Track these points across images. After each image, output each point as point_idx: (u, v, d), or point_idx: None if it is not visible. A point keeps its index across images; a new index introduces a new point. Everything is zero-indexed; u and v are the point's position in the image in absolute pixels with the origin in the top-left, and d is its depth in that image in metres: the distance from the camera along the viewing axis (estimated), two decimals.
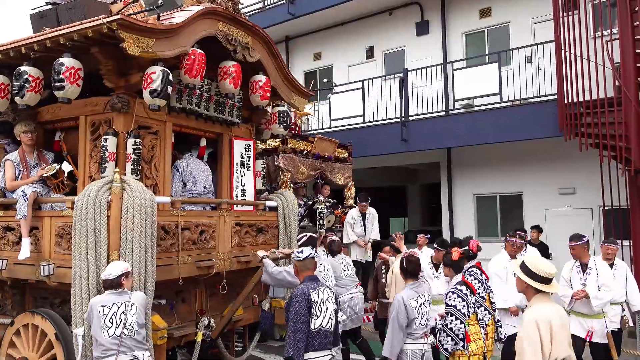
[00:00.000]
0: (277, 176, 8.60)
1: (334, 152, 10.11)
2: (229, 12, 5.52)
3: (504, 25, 12.37)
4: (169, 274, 5.07)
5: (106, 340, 4.07)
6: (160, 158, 5.40)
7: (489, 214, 12.30)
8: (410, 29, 13.51)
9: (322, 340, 4.11)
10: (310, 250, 4.35)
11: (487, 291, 5.31)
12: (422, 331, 4.63)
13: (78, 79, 4.78)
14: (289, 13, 13.81)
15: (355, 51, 14.33)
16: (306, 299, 4.05)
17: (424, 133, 11.54)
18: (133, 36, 4.52)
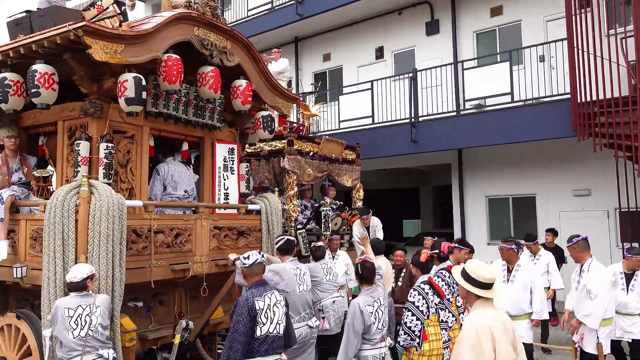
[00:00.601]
0: (283, 178, 8.43)
1: (341, 153, 9.88)
2: (204, 17, 5.53)
3: (515, 24, 12.10)
4: (141, 277, 5.08)
5: (71, 341, 4.12)
6: (136, 162, 5.43)
7: (501, 216, 12.02)
8: (420, 29, 13.31)
9: (269, 346, 4.12)
10: (257, 255, 4.35)
11: (455, 295, 5.17)
12: (380, 335, 4.62)
13: (53, 83, 4.86)
14: (298, 14, 13.75)
15: (364, 52, 14.19)
16: (250, 308, 4.06)
17: (434, 134, 11.34)
18: (99, 42, 4.58)
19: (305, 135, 10.14)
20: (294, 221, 8.34)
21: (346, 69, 14.54)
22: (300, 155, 8.49)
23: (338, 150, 9.87)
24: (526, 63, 10.57)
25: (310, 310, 5.39)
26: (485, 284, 3.56)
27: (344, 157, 10.02)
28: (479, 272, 3.58)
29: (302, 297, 5.29)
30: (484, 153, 11.83)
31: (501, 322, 3.50)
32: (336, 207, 9.51)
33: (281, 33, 14.71)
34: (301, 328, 5.20)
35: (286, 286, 5.13)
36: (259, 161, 8.82)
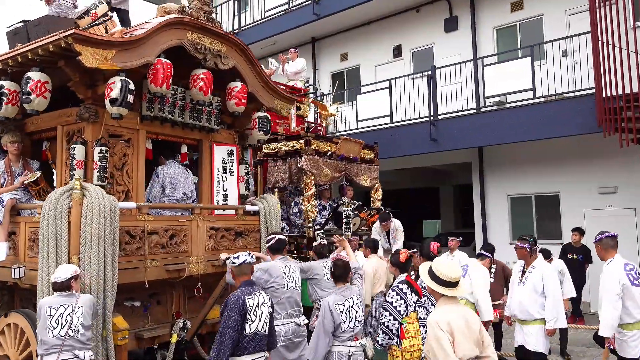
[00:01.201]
0: (300, 178, 8.35)
1: (359, 153, 9.71)
2: (198, 22, 5.63)
3: (536, 18, 11.81)
4: (135, 277, 5.18)
5: (50, 339, 4.23)
6: (132, 165, 5.57)
7: (524, 215, 11.71)
8: (439, 26, 13.08)
9: (257, 344, 4.19)
10: (247, 255, 4.41)
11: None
12: (350, 334, 4.67)
13: (45, 91, 5.05)
14: (314, 14, 13.68)
15: (382, 50, 14.04)
16: (241, 305, 4.12)
17: (454, 132, 11.12)
18: (89, 49, 4.71)
19: (323, 135, 9.91)
20: (312, 222, 8.24)
21: (364, 68, 14.40)
22: (317, 155, 8.37)
23: (356, 150, 9.67)
24: (548, 58, 10.32)
25: (299, 308, 5.42)
26: (450, 283, 3.68)
27: (362, 156, 9.85)
28: (444, 271, 3.70)
29: (290, 294, 5.32)
30: (506, 151, 11.56)
31: (463, 318, 3.58)
32: (354, 207, 9.23)
33: (298, 33, 14.62)
34: (288, 325, 5.25)
35: (275, 283, 5.20)
36: (276, 161, 8.78)
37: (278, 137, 8.91)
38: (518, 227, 11.69)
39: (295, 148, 8.41)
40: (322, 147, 8.60)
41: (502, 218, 11.89)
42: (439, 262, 3.87)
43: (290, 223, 9.12)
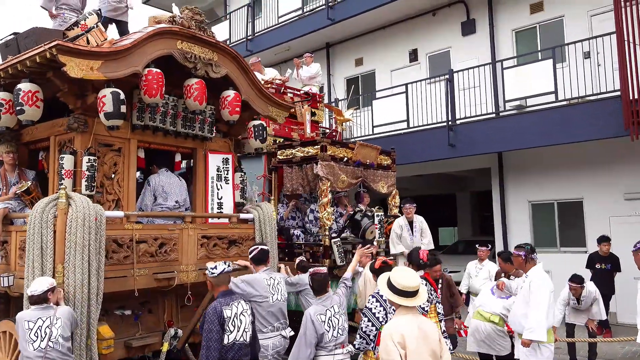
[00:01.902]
0: (316, 185, 8.18)
1: (376, 158, 9.48)
2: (187, 31, 5.66)
3: (557, 20, 11.52)
4: (122, 286, 5.23)
5: (31, 353, 4.26)
6: (123, 174, 5.63)
7: (546, 222, 11.35)
8: (456, 29, 12.84)
9: (235, 354, 4.20)
10: (224, 265, 4.44)
11: (433, 302, 5.27)
12: (335, 343, 4.69)
13: (37, 101, 5.14)
14: (329, 18, 13.59)
15: (398, 55, 13.86)
16: (219, 316, 4.16)
17: (473, 137, 10.87)
18: (74, 59, 4.77)
19: (339, 141, 9.59)
20: (328, 229, 8.06)
21: (379, 73, 14.25)
22: (333, 161, 8.19)
23: (373, 156, 9.40)
24: (570, 60, 9.99)
25: (285, 320, 5.37)
26: (408, 292, 3.61)
27: (379, 162, 9.61)
28: (401, 281, 3.65)
29: (275, 306, 5.27)
30: (526, 156, 11.21)
31: (418, 328, 3.50)
32: (371, 214, 8.87)
33: (312, 39, 14.50)
34: (275, 338, 5.20)
35: (259, 296, 5.15)
36: (291, 168, 8.61)
37: (293, 143, 8.76)
38: (540, 234, 11.37)
39: (311, 154, 8.23)
40: (338, 153, 8.44)
41: (523, 225, 11.55)
42: (397, 272, 3.81)
43: (305, 231, 8.84)
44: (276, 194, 8.84)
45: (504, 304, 6.16)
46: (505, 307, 6.12)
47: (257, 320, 5.11)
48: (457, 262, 12.35)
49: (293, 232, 8.66)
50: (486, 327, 6.15)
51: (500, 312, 6.13)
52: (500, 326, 6.11)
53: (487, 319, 6.16)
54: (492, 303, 6.25)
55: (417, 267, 5.56)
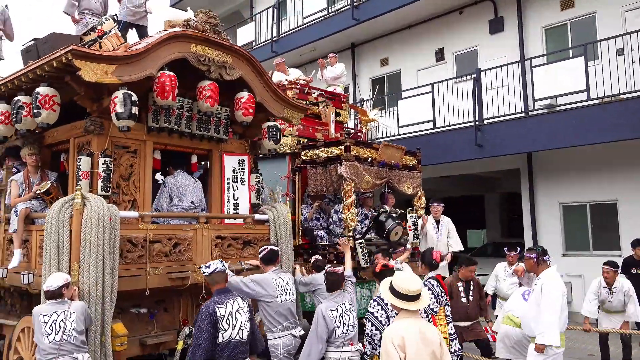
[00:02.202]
0: (340, 185, 8.07)
1: (401, 159, 9.30)
2: (201, 34, 5.78)
3: (589, 16, 11.20)
4: (136, 284, 5.35)
5: (47, 345, 4.44)
6: (139, 175, 5.76)
7: (578, 225, 11.06)
8: (483, 27, 12.60)
9: (231, 352, 4.25)
10: (218, 263, 4.51)
11: (442, 304, 5.34)
12: (343, 339, 4.77)
13: (53, 104, 5.33)
14: (354, 18, 13.50)
15: (424, 54, 13.70)
16: (211, 315, 4.23)
17: (501, 137, 10.68)
18: (89, 64, 4.91)
19: (363, 141, 9.43)
20: (352, 231, 7.95)
21: (405, 73, 14.09)
22: (358, 161, 8.02)
23: (398, 156, 9.22)
24: (602, 58, 9.71)
25: (295, 319, 5.40)
26: (410, 297, 3.65)
27: (404, 163, 9.41)
28: (403, 285, 3.69)
29: (284, 306, 5.30)
30: (557, 156, 10.95)
31: (419, 333, 3.54)
32: (397, 215, 8.72)
33: (337, 39, 14.44)
34: (284, 337, 5.24)
35: (267, 296, 5.21)
36: (315, 168, 8.48)
37: (317, 143, 8.70)
38: (571, 237, 11.11)
39: (335, 154, 8.07)
40: (362, 153, 8.29)
41: (553, 228, 11.27)
42: (399, 277, 3.86)
43: (329, 232, 8.73)
44: (300, 194, 8.75)
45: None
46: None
47: (267, 319, 5.23)
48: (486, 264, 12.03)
49: (317, 233, 8.61)
50: (517, 332, 5.88)
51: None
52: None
53: (517, 324, 5.89)
54: (523, 308, 5.96)
55: (430, 268, 5.65)
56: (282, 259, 6.42)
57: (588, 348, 8.41)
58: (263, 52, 15.81)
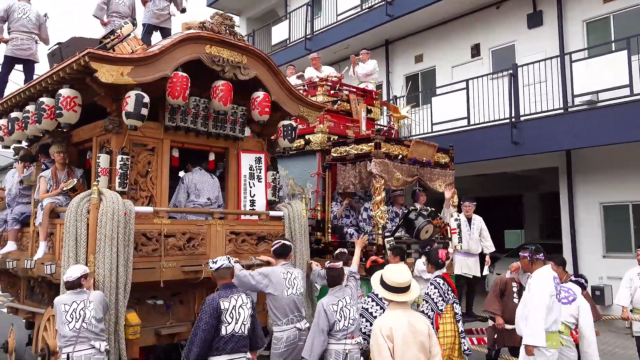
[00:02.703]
0: (370, 183, 8.04)
1: (433, 156, 9.18)
2: (216, 35, 5.98)
3: (634, 8, 10.80)
4: (150, 277, 5.58)
5: (67, 332, 4.72)
6: (157, 172, 6.01)
7: (619, 226, 10.70)
8: (521, 22, 12.32)
9: (234, 345, 4.44)
10: (224, 260, 4.72)
11: (449, 302, 5.50)
12: (344, 332, 4.95)
13: (74, 105, 5.66)
14: (388, 14, 13.44)
15: (459, 50, 13.51)
16: (215, 308, 4.42)
17: (539, 134, 10.38)
18: (105, 66, 5.19)
19: (394, 138, 9.25)
20: (381, 228, 7.91)
21: (439, 69, 13.94)
22: (388, 158, 7.97)
23: (429, 153, 9.06)
24: None
25: (299, 313, 5.52)
26: (399, 289, 3.78)
27: (436, 160, 9.24)
28: (392, 278, 3.82)
29: (289, 300, 5.42)
30: (597, 154, 10.65)
31: (407, 322, 3.68)
32: (427, 213, 8.54)
33: (371, 36, 14.43)
34: (289, 330, 5.36)
35: (274, 289, 5.35)
36: (345, 165, 8.50)
37: (347, 140, 8.68)
38: (612, 238, 10.76)
39: (365, 151, 8.04)
40: (393, 150, 8.18)
41: (593, 229, 10.95)
42: (388, 269, 4.00)
43: (359, 229, 8.67)
44: (329, 191, 8.76)
45: (568, 311, 5.71)
46: (570, 314, 5.70)
47: (273, 312, 5.39)
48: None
49: (347, 231, 8.59)
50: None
51: (565, 320, 5.66)
52: (566, 335, 5.63)
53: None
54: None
55: (436, 267, 5.81)
56: (296, 255, 6.60)
57: (628, 354, 8.03)
58: (297, 50, 15.84)
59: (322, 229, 8.54)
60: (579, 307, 5.71)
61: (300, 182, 9.20)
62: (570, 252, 10.98)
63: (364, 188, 8.32)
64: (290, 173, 9.35)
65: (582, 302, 5.80)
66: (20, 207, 6.83)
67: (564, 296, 5.72)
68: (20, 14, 7.97)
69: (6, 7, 7.98)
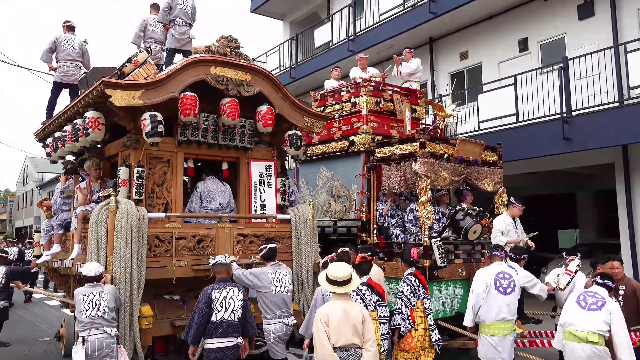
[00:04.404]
0: (416, 182, 7.99)
1: (480, 154, 9.04)
2: (219, 58, 6.78)
3: None
4: (164, 274, 6.45)
5: (84, 319, 5.64)
6: (172, 182, 6.90)
7: None
8: (571, 13, 12.02)
9: (224, 330, 5.36)
10: (221, 257, 5.67)
11: (420, 298, 6.00)
12: None
13: (98, 125, 6.67)
14: (431, 12, 13.52)
15: (506, 45, 13.35)
16: (208, 297, 5.36)
17: (592, 129, 10.11)
18: (118, 92, 6.08)
19: (439, 137, 9.00)
20: (428, 229, 8.02)
21: (485, 66, 13.84)
22: (433, 158, 8.00)
23: (476, 152, 8.89)
24: None
25: (287, 309, 6.19)
26: (338, 282, 4.55)
27: (484, 158, 9.07)
28: (333, 273, 4.59)
29: (278, 297, 6.12)
30: None
31: (342, 310, 4.45)
32: (475, 213, 8.24)
33: (414, 34, 14.58)
34: (277, 324, 6.06)
35: (264, 287, 6.10)
36: (389, 165, 8.53)
37: (391, 140, 8.76)
38: None
39: (409, 151, 8.12)
40: (438, 149, 8.22)
41: None
42: (331, 265, 4.76)
43: (405, 230, 8.57)
44: (375, 192, 8.91)
45: (601, 318, 5.27)
46: (603, 321, 5.27)
47: (262, 308, 6.13)
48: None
49: (392, 232, 8.69)
50: (585, 349, 5.22)
51: (598, 329, 5.24)
52: (601, 345, 5.22)
53: (583, 339, 5.24)
54: (585, 318, 5.34)
55: (409, 265, 6.31)
56: (302, 254, 7.33)
57: None
58: (339, 52, 15.96)
59: (367, 230, 8.48)
60: (610, 311, 5.28)
61: (344, 184, 9.24)
62: (629, 252, 10.62)
63: (409, 188, 8.30)
64: (335, 175, 9.41)
65: (612, 305, 5.38)
66: (63, 214, 7.93)
67: (591, 302, 5.41)
68: (66, 45, 9.03)
69: (54, 39, 9.10)
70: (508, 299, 5.97)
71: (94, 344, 5.43)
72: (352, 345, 4.37)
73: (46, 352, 8.91)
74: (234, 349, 5.41)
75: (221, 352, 5.31)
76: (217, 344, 5.32)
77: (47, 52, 8.99)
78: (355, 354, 4.38)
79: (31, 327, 11.30)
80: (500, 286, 5.96)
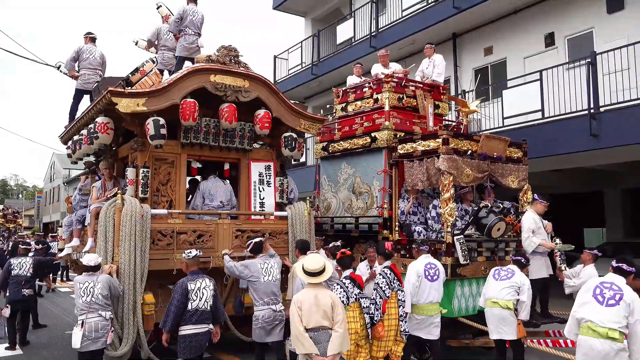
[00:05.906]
0: (438, 179, 7.95)
1: (504, 151, 8.99)
2: (219, 66, 7.43)
3: None
4: (166, 266, 7.16)
5: (80, 304, 6.42)
6: (175, 181, 7.62)
7: None
8: (599, 7, 12.03)
9: (198, 318, 5.96)
10: (195, 252, 6.24)
11: (394, 290, 6.43)
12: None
13: (107, 129, 7.44)
14: (454, 7, 13.73)
15: (531, 40, 13.40)
16: (184, 288, 5.95)
17: (621, 126, 9.97)
18: (123, 99, 6.82)
19: (463, 133, 8.82)
20: (451, 226, 7.82)
21: (510, 61, 13.92)
22: (457, 154, 7.93)
23: (501, 148, 8.79)
24: None
25: (275, 297, 6.79)
26: (312, 273, 5.13)
27: (508, 155, 9.00)
28: (307, 265, 5.17)
29: (266, 286, 6.71)
30: None
31: (314, 297, 5.06)
32: (499, 210, 8.05)
33: (437, 30, 14.71)
34: (264, 310, 6.65)
35: (253, 277, 6.73)
36: (412, 162, 8.53)
37: (414, 136, 8.78)
38: None
39: (432, 147, 8.06)
40: (462, 145, 8.16)
41: None
42: (307, 259, 5.36)
43: (427, 227, 8.55)
44: (397, 189, 8.99)
45: (620, 313, 4.95)
46: (623, 316, 4.95)
47: (252, 295, 6.77)
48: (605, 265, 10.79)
49: (414, 229, 8.74)
50: (604, 345, 4.93)
51: (618, 325, 4.89)
52: (620, 342, 4.94)
53: (603, 335, 4.95)
54: (604, 313, 5.02)
55: (385, 257, 6.73)
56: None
57: None
58: (362, 48, 16.07)
59: (389, 227, 8.40)
60: (628, 303, 4.91)
61: (366, 180, 9.20)
62: None
63: (432, 185, 8.33)
64: (357, 171, 9.45)
65: (631, 295, 4.97)
66: (81, 210, 8.78)
67: (609, 296, 5.04)
68: (88, 55, 9.83)
69: (77, 49, 9.90)
70: (435, 284, 7.01)
71: (90, 325, 6.23)
72: (322, 327, 5.01)
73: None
74: (206, 334, 6.10)
75: (196, 337, 5.95)
76: (192, 330, 5.99)
77: (70, 60, 9.91)
78: (325, 334, 5.00)
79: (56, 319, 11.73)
80: (429, 275, 6.98)
